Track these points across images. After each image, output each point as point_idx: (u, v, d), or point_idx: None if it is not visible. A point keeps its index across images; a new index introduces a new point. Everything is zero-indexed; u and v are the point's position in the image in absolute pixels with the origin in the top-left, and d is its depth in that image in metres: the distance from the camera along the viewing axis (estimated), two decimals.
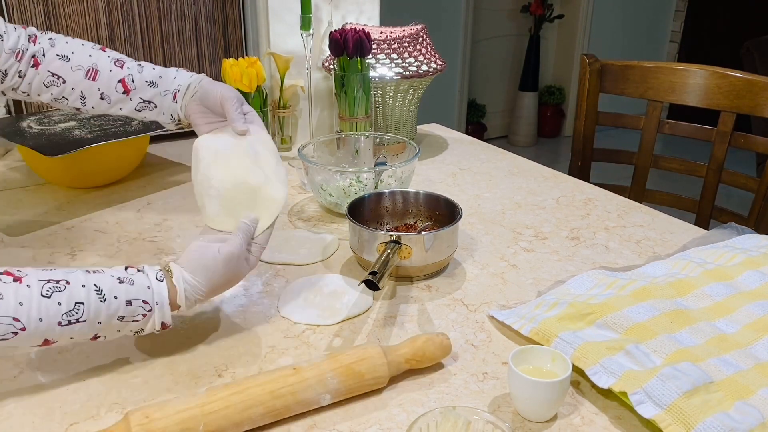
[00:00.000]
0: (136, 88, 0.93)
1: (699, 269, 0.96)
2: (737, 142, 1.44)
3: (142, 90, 0.93)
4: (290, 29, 1.57)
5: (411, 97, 1.53)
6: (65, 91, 0.93)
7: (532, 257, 1.08)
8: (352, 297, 0.94)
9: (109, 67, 0.94)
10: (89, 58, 0.93)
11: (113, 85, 0.93)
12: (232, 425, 0.68)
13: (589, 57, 1.59)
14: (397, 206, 1.12)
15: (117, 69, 0.94)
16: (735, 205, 1.54)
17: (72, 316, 0.70)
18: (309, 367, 0.73)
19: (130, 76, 0.94)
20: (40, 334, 0.69)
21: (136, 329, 0.76)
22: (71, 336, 0.71)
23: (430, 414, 0.64)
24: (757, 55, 2.81)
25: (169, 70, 0.95)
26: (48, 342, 0.70)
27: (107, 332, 0.74)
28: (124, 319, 0.74)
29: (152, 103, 0.94)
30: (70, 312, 0.70)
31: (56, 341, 0.71)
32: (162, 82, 0.94)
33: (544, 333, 0.83)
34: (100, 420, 0.72)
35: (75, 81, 0.92)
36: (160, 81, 0.94)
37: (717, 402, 0.70)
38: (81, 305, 0.70)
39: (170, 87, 0.94)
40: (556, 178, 1.42)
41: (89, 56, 0.93)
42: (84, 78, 0.92)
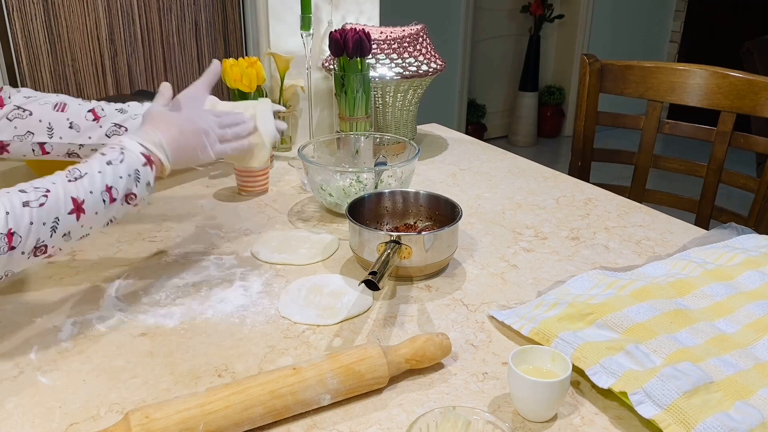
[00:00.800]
0: (107, 115, 1.00)
1: (699, 269, 0.96)
2: (737, 142, 1.44)
3: (113, 116, 1.00)
4: (290, 29, 1.57)
5: (411, 97, 1.53)
6: (30, 124, 0.96)
7: (532, 257, 1.08)
8: (352, 297, 0.94)
9: (77, 101, 1.00)
10: (56, 97, 0.99)
11: (83, 115, 0.98)
12: (232, 425, 0.68)
13: (589, 57, 1.59)
14: (397, 206, 1.12)
15: (85, 102, 1.01)
16: (735, 205, 1.54)
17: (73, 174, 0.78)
18: (309, 367, 0.73)
19: (99, 106, 1.00)
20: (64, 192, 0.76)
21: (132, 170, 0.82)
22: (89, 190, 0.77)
23: (430, 414, 0.64)
24: (757, 55, 2.81)
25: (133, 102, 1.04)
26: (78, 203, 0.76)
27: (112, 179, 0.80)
28: (112, 162, 0.81)
29: (123, 126, 1.00)
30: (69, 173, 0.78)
31: (83, 200, 0.77)
32: (130, 109, 1.02)
33: (544, 333, 0.83)
34: (100, 420, 0.72)
35: (42, 113, 0.97)
36: (129, 108, 1.02)
37: (717, 402, 0.70)
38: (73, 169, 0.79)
39: (140, 111, 1.01)
40: (556, 178, 1.42)
41: (56, 96, 1.00)
42: (52, 110, 0.97)
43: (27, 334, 0.86)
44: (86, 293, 0.95)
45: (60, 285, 0.98)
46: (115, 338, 0.85)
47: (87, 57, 1.50)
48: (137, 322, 0.89)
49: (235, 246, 1.10)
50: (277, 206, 1.26)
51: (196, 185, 1.36)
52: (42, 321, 0.89)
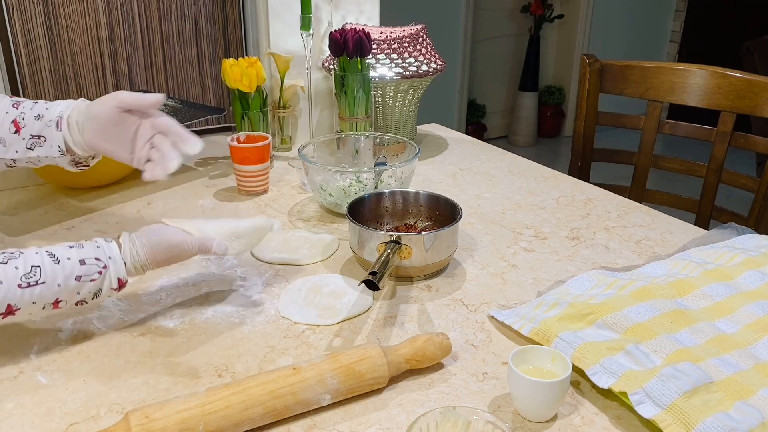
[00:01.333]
0: (26, 125, 0.88)
1: (699, 269, 0.96)
2: (737, 142, 1.44)
3: (31, 125, 0.88)
4: (290, 29, 1.57)
5: (411, 97, 1.53)
6: None
7: (532, 257, 1.08)
8: (352, 297, 0.94)
9: (6, 109, 0.89)
10: None
11: (7, 127, 0.88)
12: (231, 425, 0.68)
13: (589, 57, 1.59)
14: (397, 206, 1.12)
15: (12, 110, 0.89)
16: (735, 205, 1.54)
17: (30, 278, 0.72)
18: (309, 367, 0.73)
19: (21, 115, 0.88)
20: (2, 298, 0.71)
21: (95, 290, 0.78)
22: (33, 300, 0.73)
23: (430, 414, 0.64)
24: (757, 55, 2.81)
25: (57, 102, 0.89)
26: (11, 309, 0.71)
27: (67, 295, 0.75)
28: (82, 279, 0.76)
29: (42, 137, 0.88)
30: (27, 274, 0.72)
31: (19, 308, 0.72)
32: (48, 113, 0.88)
33: (544, 333, 0.83)
34: (100, 420, 0.72)
35: None
36: (46, 112, 0.88)
37: (717, 402, 0.70)
38: (37, 268, 0.73)
39: (53, 116, 0.88)
40: (556, 178, 1.42)
41: None
42: None
43: (27, 334, 0.86)
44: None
45: None
46: (115, 338, 0.85)
47: (87, 57, 1.50)
48: (137, 322, 0.89)
49: None
50: (277, 206, 1.26)
51: (196, 185, 1.36)
52: (42, 321, 0.89)
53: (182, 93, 1.63)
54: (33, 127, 0.87)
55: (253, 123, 1.42)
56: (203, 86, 1.65)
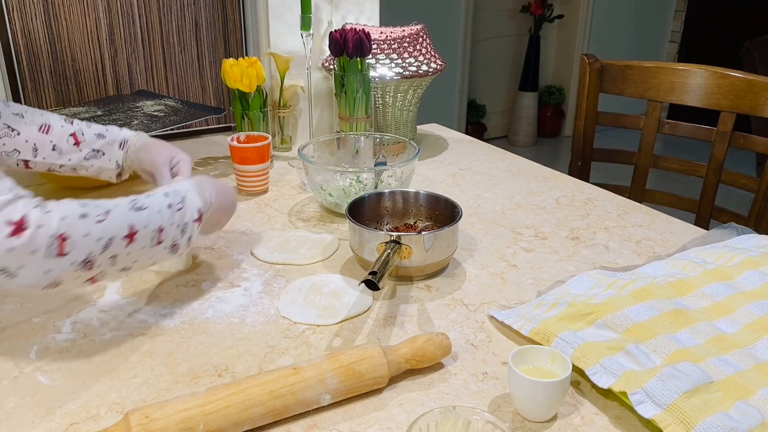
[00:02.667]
0: (86, 140, 1.06)
1: (699, 269, 0.96)
2: (737, 142, 1.44)
3: (92, 142, 1.06)
4: (290, 29, 1.57)
5: (411, 97, 1.53)
6: (18, 143, 1.03)
7: (532, 257, 1.08)
8: (351, 297, 0.94)
9: (60, 122, 1.06)
10: (41, 117, 1.05)
11: (65, 138, 1.05)
12: (232, 425, 0.68)
13: (589, 57, 1.59)
14: (397, 206, 1.12)
15: (67, 125, 1.06)
16: (735, 205, 1.54)
17: (135, 203, 0.79)
18: (309, 366, 0.73)
19: (80, 131, 1.06)
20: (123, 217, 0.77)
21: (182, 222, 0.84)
22: (145, 224, 0.78)
23: (430, 414, 0.64)
24: (757, 55, 2.81)
25: (112, 126, 1.09)
26: (133, 231, 0.77)
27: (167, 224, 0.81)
28: (172, 207, 0.83)
29: (101, 151, 1.07)
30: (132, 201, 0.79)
31: (137, 230, 0.77)
32: (109, 134, 1.08)
33: (544, 333, 0.83)
34: (101, 420, 0.72)
35: (29, 134, 1.03)
36: (107, 133, 1.08)
37: (717, 402, 0.70)
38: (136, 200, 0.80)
39: (117, 137, 1.08)
40: (556, 178, 1.42)
41: (41, 115, 1.05)
42: (38, 131, 1.04)
43: (27, 334, 0.86)
44: (86, 293, 0.95)
45: None
46: (115, 338, 0.85)
47: (87, 57, 1.50)
48: (137, 321, 0.89)
49: (235, 245, 1.10)
50: (277, 206, 1.26)
51: None
52: (42, 321, 0.89)
53: (182, 93, 1.63)
54: (94, 143, 1.06)
55: (253, 123, 1.42)
56: (203, 86, 1.65)
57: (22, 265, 0.69)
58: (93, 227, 0.73)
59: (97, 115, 1.37)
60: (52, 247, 0.69)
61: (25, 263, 0.68)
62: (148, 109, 1.41)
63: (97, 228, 0.74)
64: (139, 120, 1.34)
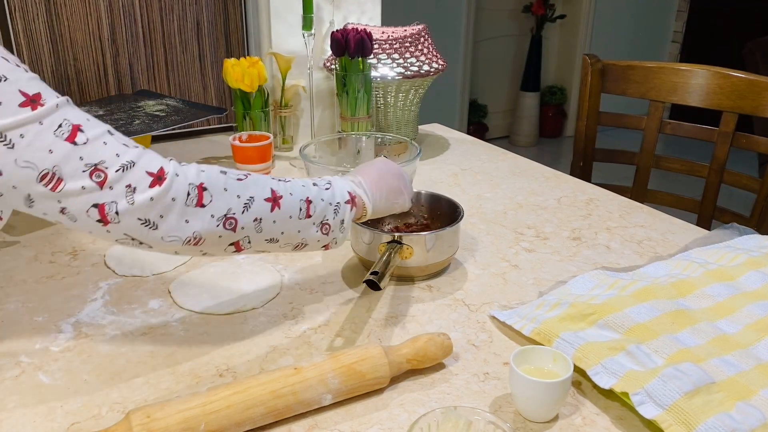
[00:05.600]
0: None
1: (700, 269, 0.96)
2: (739, 142, 1.43)
3: None
4: (292, 29, 1.57)
5: (412, 97, 1.53)
6: None
7: (534, 257, 1.08)
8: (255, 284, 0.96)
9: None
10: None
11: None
12: (233, 425, 0.68)
13: (591, 57, 1.59)
14: None
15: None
16: (736, 205, 1.54)
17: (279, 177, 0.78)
18: (310, 366, 0.73)
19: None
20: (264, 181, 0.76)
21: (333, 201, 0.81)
22: (290, 191, 0.77)
23: (431, 414, 0.64)
24: (759, 55, 2.80)
25: None
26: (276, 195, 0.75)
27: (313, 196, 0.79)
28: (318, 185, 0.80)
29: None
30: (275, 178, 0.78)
31: (281, 196, 0.76)
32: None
33: (546, 333, 0.83)
34: (102, 419, 0.72)
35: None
36: None
37: (718, 402, 0.70)
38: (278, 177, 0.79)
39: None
40: (557, 179, 1.42)
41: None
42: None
43: (28, 334, 0.86)
44: (87, 293, 0.95)
45: (61, 284, 0.98)
46: (117, 337, 0.86)
47: (89, 57, 1.50)
48: (139, 321, 0.89)
49: None
50: None
51: None
52: (43, 320, 0.89)
53: (184, 93, 1.63)
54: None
55: (254, 123, 1.42)
56: (205, 86, 1.65)
57: (163, 215, 0.68)
58: (233, 183, 0.72)
59: (99, 115, 1.37)
60: (191, 195, 0.69)
61: (165, 213, 0.68)
62: (149, 109, 1.41)
63: (237, 185, 0.72)
64: (140, 120, 1.34)
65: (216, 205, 0.71)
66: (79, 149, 0.65)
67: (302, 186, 0.79)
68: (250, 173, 0.76)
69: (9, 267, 1.03)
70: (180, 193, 0.68)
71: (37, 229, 1.15)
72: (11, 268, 1.02)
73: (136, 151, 0.68)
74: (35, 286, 0.98)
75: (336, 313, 0.92)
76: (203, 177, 0.71)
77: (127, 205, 0.66)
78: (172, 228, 0.69)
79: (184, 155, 1.52)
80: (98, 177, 0.65)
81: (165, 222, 0.68)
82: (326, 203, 0.80)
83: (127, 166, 0.66)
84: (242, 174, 0.75)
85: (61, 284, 0.98)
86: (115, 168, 0.66)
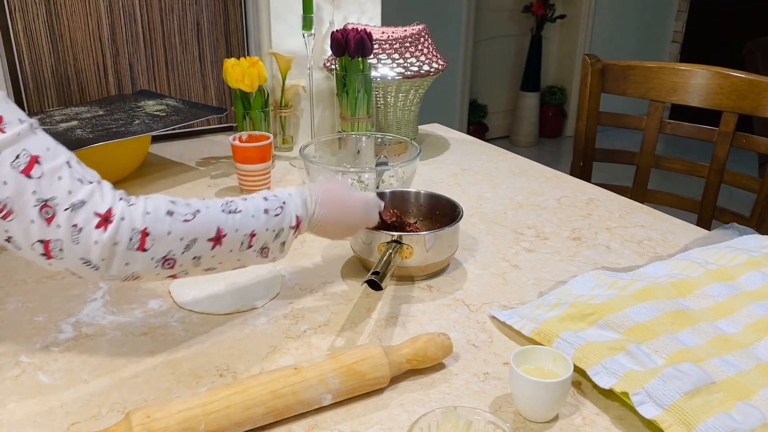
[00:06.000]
0: None
1: (700, 269, 0.96)
2: (739, 142, 1.43)
3: None
4: (292, 29, 1.57)
5: (412, 97, 1.53)
6: None
7: (534, 257, 1.08)
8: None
9: None
10: None
11: None
12: (233, 425, 0.68)
13: (591, 57, 1.59)
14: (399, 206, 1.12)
15: None
16: (737, 205, 1.54)
17: (230, 206, 0.78)
18: (310, 366, 0.73)
19: None
20: (212, 219, 0.75)
21: (278, 228, 0.81)
22: (236, 227, 0.77)
23: (432, 414, 0.64)
24: (759, 55, 2.80)
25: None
26: (220, 233, 0.75)
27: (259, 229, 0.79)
28: (269, 212, 0.80)
29: None
30: (226, 204, 0.78)
31: (226, 234, 0.76)
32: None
33: (546, 333, 0.83)
34: (102, 419, 0.72)
35: None
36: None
37: (718, 402, 0.70)
38: (231, 201, 0.79)
39: None
40: (557, 179, 1.42)
41: None
42: None
43: (28, 334, 0.86)
44: (87, 293, 0.95)
45: (61, 284, 0.98)
46: (117, 338, 0.86)
47: (89, 57, 1.50)
48: (139, 321, 0.89)
49: None
50: None
51: (197, 185, 1.36)
52: (43, 320, 0.89)
53: (184, 93, 1.63)
54: None
55: (254, 123, 1.42)
56: (205, 86, 1.65)
57: (105, 258, 0.68)
58: (177, 226, 0.72)
59: (99, 115, 1.37)
60: (134, 241, 0.69)
61: (107, 257, 0.68)
62: (149, 109, 1.41)
63: (182, 227, 0.73)
64: (140, 120, 1.34)
65: (157, 249, 0.71)
66: (33, 183, 0.65)
67: (251, 217, 0.79)
68: (200, 210, 0.75)
69: (9, 267, 1.03)
70: (123, 238, 0.69)
71: None
72: (11, 268, 1.02)
73: (89, 189, 0.68)
74: (35, 286, 0.98)
75: (336, 313, 0.92)
76: (148, 221, 0.70)
77: (72, 245, 0.67)
78: (112, 269, 0.70)
79: (184, 155, 1.52)
80: (47, 213, 0.66)
81: (106, 264, 0.69)
82: (270, 232, 0.80)
83: (77, 205, 0.67)
84: (191, 213, 0.74)
85: (61, 284, 0.98)
86: (65, 207, 0.66)
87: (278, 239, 0.82)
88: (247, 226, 0.78)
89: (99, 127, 1.30)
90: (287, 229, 0.82)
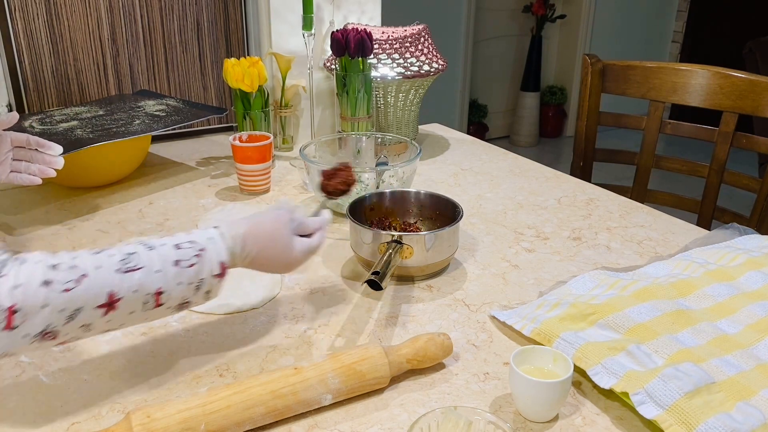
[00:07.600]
0: None
1: (701, 270, 0.96)
2: (739, 142, 1.43)
3: None
4: (292, 29, 1.57)
5: (413, 97, 1.53)
6: None
7: (534, 257, 1.08)
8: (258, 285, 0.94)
9: None
10: None
11: None
12: (233, 425, 0.68)
13: (591, 57, 1.59)
14: (399, 206, 1.12)
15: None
16: (737, 205, 1.54)
17: (128, 263, 0.68)
18: (310, 366, 0.73)
19: None
20: (102, 283, 0.66)
21: (196, 280, 0.72)
22: (134, 288, 0.67)
23: (432, 414, 0.64)
24: (759, 55, 2.81)
25: None
26: (113, 298, 0.66)
27: (168, 285, 0.70)
28: (180, 264, 0.70)
29: None
30: (124, 260, 0.68)
31: (120, 297, 0.67)
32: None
33: (546, 333, 0.83)
34: (102, 419, 0.72)
35: None
36: None
37: (719, 402, 0.70)
38: (133, 254, 0.69)
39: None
40: (557, 179, 1.42)
41: None
42: None
43: None
44: None
45: None
46: (117, 338, 0.85)
47: (89, 57, 1.50)
48: None
49: None
50: None
51: (197, 185, 1.36)
52: None
53: (184, 93, 1.63)
54: None
55: (254, 123, 1.42)
56: (205, 86, 1.65)
57: None
58: (55, 297, 0.63)
59: (99, 115, 1.37)
60: None
61: None
62: (149, 109, 1.41)
63: (62, 298, 0.63)
64: (140, 120, 1.34)
65: (29, 325, 0.62)
66: None
67: (156, 272, 0.69)
68: (87, 274, 0.65)
69: None
70: None
71: (37, 229, 1.15)
72: None
73: None
74: None
75: (336, 313, 0.92)
76: (17, 296, 0.61)
77: None
78: None
79: (184, 155, 1.52)
80: None
81: None
82: (186, 285, 0.71)
83: None
84: (74, 279, 0.64)
85: None
86: None
87: (200, 291, 0.73)
88: (150, 284, 0.68)
89: (99, 127, 1.30)
90: (209, 279, 0.73)
